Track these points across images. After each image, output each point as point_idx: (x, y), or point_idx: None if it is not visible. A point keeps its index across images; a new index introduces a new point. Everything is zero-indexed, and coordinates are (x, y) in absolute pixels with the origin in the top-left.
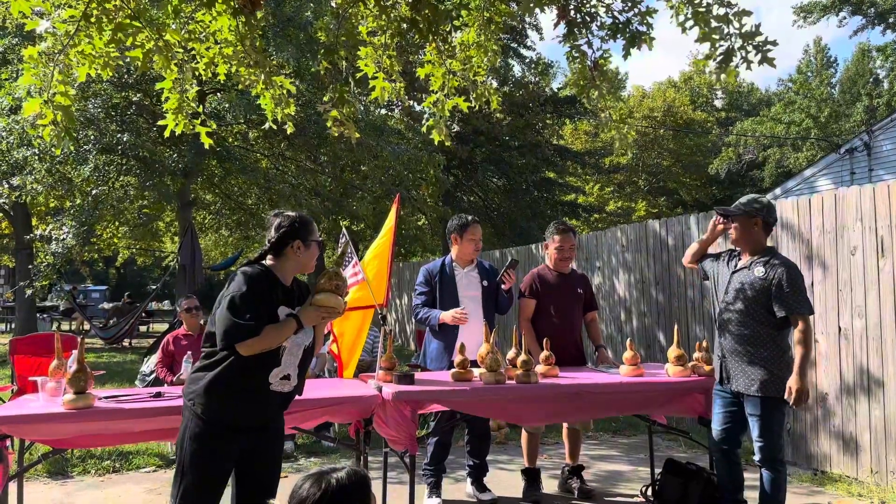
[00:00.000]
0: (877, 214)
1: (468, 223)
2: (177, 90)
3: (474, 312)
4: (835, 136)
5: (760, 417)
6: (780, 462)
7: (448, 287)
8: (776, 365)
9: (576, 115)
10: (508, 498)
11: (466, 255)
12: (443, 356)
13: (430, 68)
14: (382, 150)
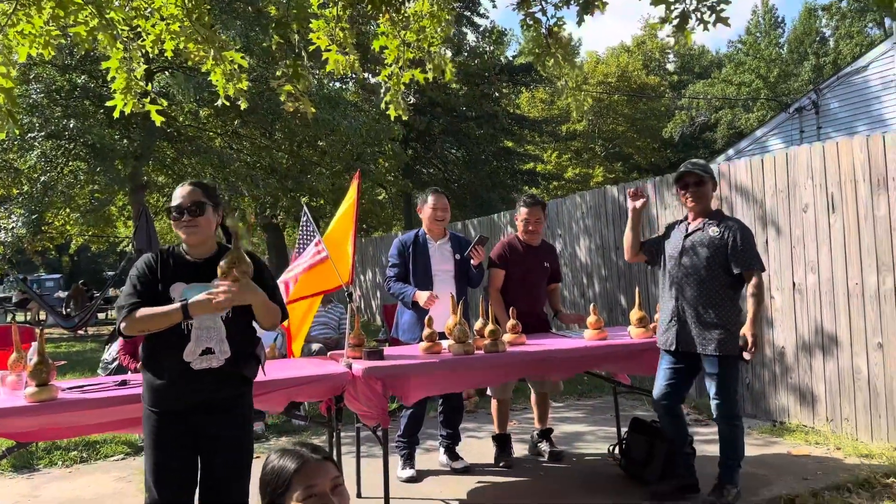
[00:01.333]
0: (827, 172)
1: (427, 194)
2: (123, 69)
3: (446, 285)
4: (784, 96)
5: (718, 376)
6: (737, 417)
7: (421, 259)
8: (733, 324)
9: (531, 83)
10: (480, 464)
11: (431, 225)
12: (415, 327)
13: (384, 40)
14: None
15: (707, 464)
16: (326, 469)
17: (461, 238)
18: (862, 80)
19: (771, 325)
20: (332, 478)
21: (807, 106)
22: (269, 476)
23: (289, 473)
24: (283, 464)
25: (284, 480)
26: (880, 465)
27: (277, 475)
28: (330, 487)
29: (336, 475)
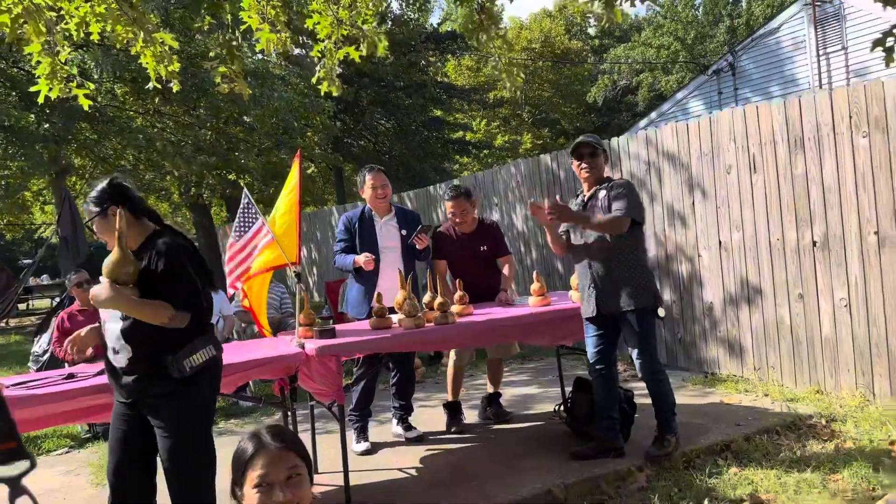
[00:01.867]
0: (748, 134)
1: (364, 173)
2: (48, 54)
3: (394, 261)
4: (701, 58)
5: (636, 333)
6: (660, 372)
7: (367, 235)
8: (639, 277)
9: (458, 51)
10: (433, 432)
11: (374, 204)
12: (362, 302)
13: (317, 17)
14: (269, 100)
15: (650, 414)
16: (283, 459)
17: (408, 212)
18: (774, 41)
19: (700, 283)
20: (288, 468)
21: (724, 68)
22: (234, 458)
23: (246, 458)
24: (244, 447)
25: (242, 464)
26: (805, 408)
27: (238, 458)
28: (284, 478)
29: (294, 465)
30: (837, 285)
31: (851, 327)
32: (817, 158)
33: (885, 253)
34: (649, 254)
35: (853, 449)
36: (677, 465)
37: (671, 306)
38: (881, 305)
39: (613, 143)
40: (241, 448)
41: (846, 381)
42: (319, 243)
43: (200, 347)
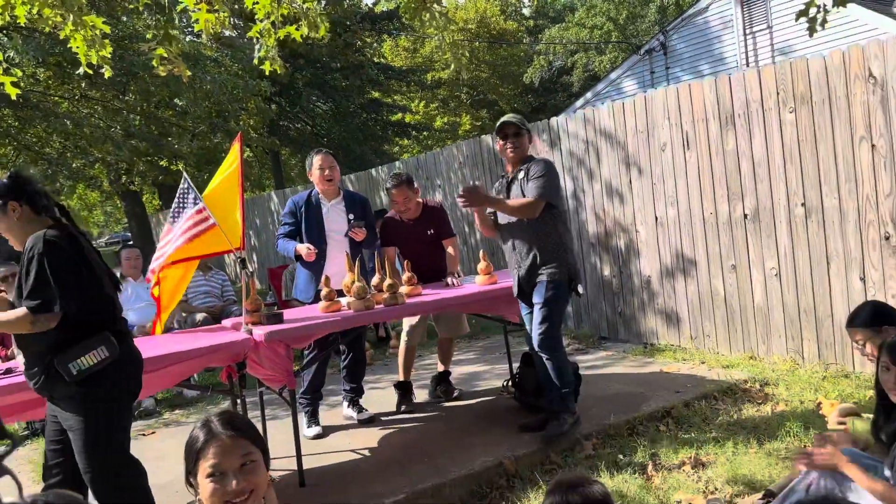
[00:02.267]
0: (681, 112)
1: (311, 156)
2: None
3: (341, 245)
4: (633, 38)
5: (542, 305)
6: (558, 349)
7: (314, 220)
8: (557, 256)
9: (394, 32)
10: (383, 413)
11: (322, 186)
12: (309, 286)
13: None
14: (202, 83)
15: (594, 385)
16: (236, 446)
17: (356, 196)
18: (703, 21)
19: (638, 257)
20: (241, 455)
21: (655, 48)
22: (186, 447)
23: (198, 448)
24: (195, 436)
25: (194, 454)
26: (739, 374)
27: (190, 448)
28: (238, 465)
29: (247, 452)
30: (768, 255)
31: (781, 295)
32: (747, 134)
33: (811, 223)
34: (589, 230)
35: (785, 410)
36: (622, 432)
37: (611, 280)
38: (809, 273)
39: (553, 122)
40: (192, 437)
41: (777, 346)
42: (259, 229)
43: (92, 349)
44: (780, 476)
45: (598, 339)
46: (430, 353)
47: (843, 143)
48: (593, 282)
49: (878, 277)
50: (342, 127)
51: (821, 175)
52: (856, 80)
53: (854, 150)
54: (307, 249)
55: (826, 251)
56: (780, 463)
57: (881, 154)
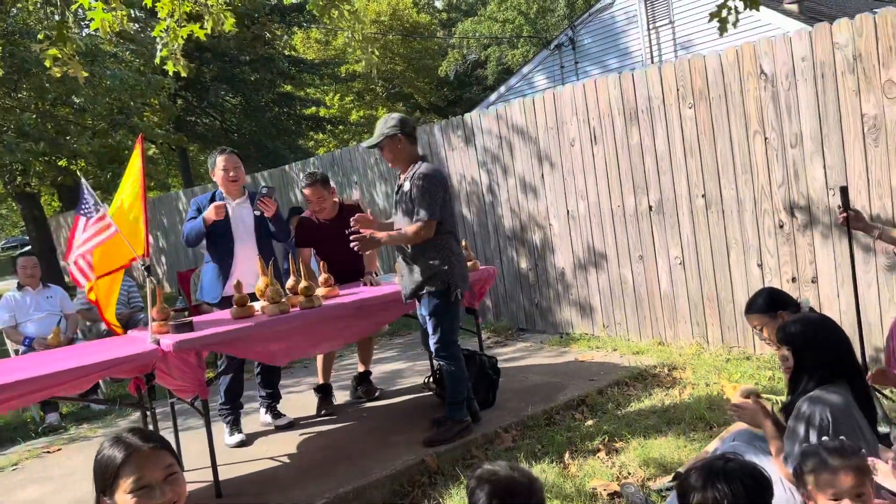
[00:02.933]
0: (588, 108)
1: (215, 156)
2: None
3: (249, 245)
4: (544, 32)
5: (432, 315)
6: (452, 358)
7: (219, 220)
8: (434, 263)
9: (305, 24)
10: (303, 417)
11: (224, 186)
12: (215, 285)
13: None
14: (101, 79)
15: (512, 377)
16: (158, 458)
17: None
18: (609, 16)
19: (552, 249)
20: (164, 467)
21: (564, 43)
22: (98, 467)
23: (116, 465)
24: (111, 454)
25: (112, 472)
26: (649, 360)
27: (105, 466)
28: (162, 477)
29: (169, 463)
30: (672, 245)
31: (686, 282)
32: (650, 129)
33: (711, 213)
34: (505, 224)
35: (692, 393)
36: (539, 423)
37: (528, 273)
38: (710, 261)
39: (467, 119)
40: (107, 456)
41: (684, 331)
42: (167, 230)
43: None
44: (689, 458)
45: (517, 331)
46: (350, 352)
47: (738, 136)
48: (510, 275)
49: (774, 264)
50: (253, 122)
51: (719, 167)
52: (749, 76)
53: (749, 143)
54: (214, 207)
55: (726, 239)
56: (688, 445)
57: (773, 147)
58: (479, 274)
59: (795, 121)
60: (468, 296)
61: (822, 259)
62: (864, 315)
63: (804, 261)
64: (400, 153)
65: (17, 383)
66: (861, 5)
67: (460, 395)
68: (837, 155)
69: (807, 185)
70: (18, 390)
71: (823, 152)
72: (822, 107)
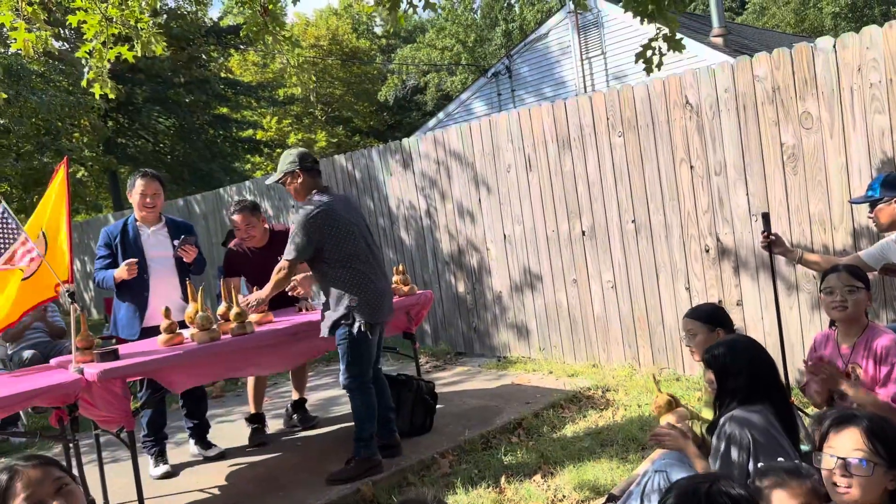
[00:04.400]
0: (523, 135)
1: (136, 178)
2: None
3: (165, 272)
4: (482, 60)
5: (338, 346)
6: (356, 390)
7: (132, 248)
8: (338, 296)
9: (242, 46)
10: (236, 447)
11: (140, 212)
12: (133, 321)
13: (82, 15)
14: (27, 100)
15: (450, 402)
16: (45, 473)
17: (179, 222)
18: (544, 46)
19: (489, 273)
20: (52, 479)
21: (501, 71)
22: None
23: (2, 489)
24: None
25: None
26: (583, 381)
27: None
28: (53, 490)
29: (58, 476)
30: (604, 269)
31: (618, 305)
32: (582, 156)
33: (641, 238)
34: (443, 248)
35: (625, 415)
36: (476, 447)
37: (465, 297)
38: (640, 284)
39: (405, 143)
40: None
41: (616, 353)
42: (94, 255)
43: None
44: (621, 479)
45: (455, 355)
46: (285, 379)
47: (666, 164)
48: (448, 299)
49: (700, 287)
50: (187, 144)
51: (647, 194)
52: (675, 106)
53: (676, 171)
54: (126, 266)
55: (655, 263)
56: (621, 466)
57: (699, 174)
58: (416, 298)
59: (720, 150)
60: (404, 320)
61: (747, 282)
62: (786, 336)
63: (729, 284)
64: (301, 187)
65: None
66: (781, 39)
67: (366, 431)
68: (759, 182)
69: (731, 212)
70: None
71: (746, 180)
72: (744, 136)
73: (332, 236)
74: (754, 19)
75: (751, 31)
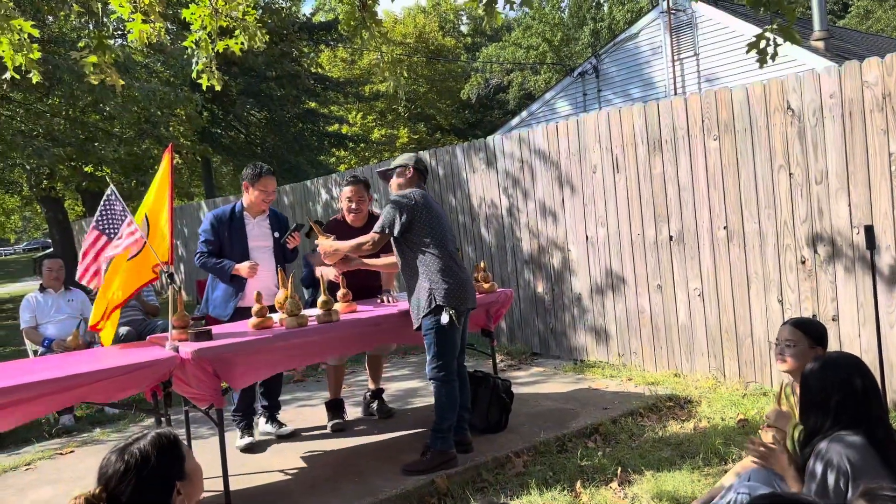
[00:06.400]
0: (612, 136)
1: (261, 174)
2: None
3: (266, 262)
4: (567, 59)
5: (425, 335)
6: (443, 382)
7: (237, 235)
8: (421, 284)
9: (332, 42)
10: (313, 429)
11: (256, 205)
12: (228, 302)
13: (194, 8)
14: (131, 89)
15: (525, 402)
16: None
17: (280, 215)
18: (634, 46)
19: (569, 274)
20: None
21: (588, 70)
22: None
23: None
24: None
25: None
26: (664, 391)
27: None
28: None
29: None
30: (691, 276)
31: (704, 314)
32: (673, 159)
33: (732, 246)
34: (523, 247)
35: (707, 427)
36: (551, 449)
37: (544, 297)
38: (730, 294)
39: (489, 142)
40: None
41: (700, 364)
42: (187, 239)
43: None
44: (702, 492)
45: (531, 356)
46: (364, 367)
47: (763, 170)
48: (526, 298)
49: (794, 299)
50: (277, 136)
51: (742, 200)
52: (775, 111)
53: (773, 178)
54: (249, 266)
55: (746, 273)
56: (702, 479)
57: (798, 182)
58: (496, 296)
59: (821, 157)
60: (484, 317)
61: (844, 297)
62: (885, 355)
63: (825, 298)
64: (406, 182)
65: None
66: (888, 45)
67: (446, 423)
68: (863, 193)
69: (830, 222)
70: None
71: (849, 190)
72: (848, 144)
73: (421, 220)
74: (858, 23)
75: (854, 35)
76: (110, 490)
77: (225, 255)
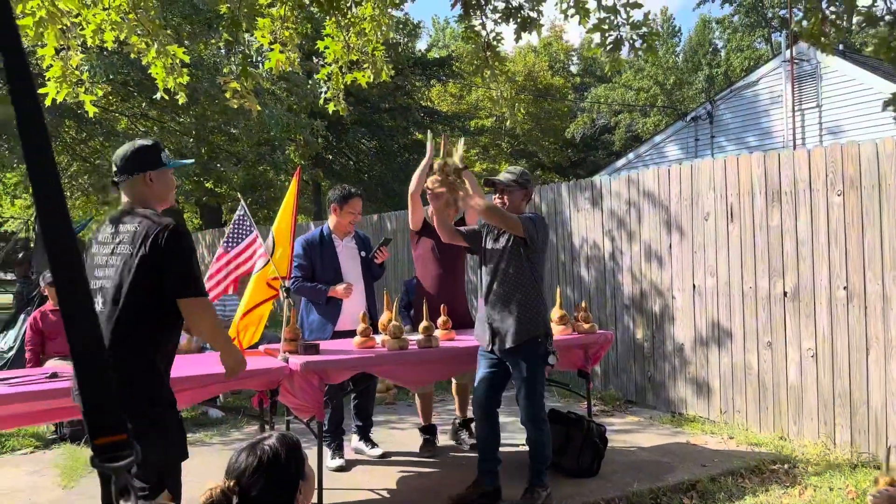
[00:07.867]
0: (727, 183)
1: (350, 196)
2: (60, 58)
3: (355, 282)
4: (679, 103)
5: (522, 373)
6: (542, 420)
7: (328, 257)
8: (534, 311)
9: (444, 77)
10: (403, 453)
11: (343, 226)
12: (325, 327)
13: (328, 42)
14: (260, 115)
15: (619, 450)
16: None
17: (363, 235)
18: (752, 93)
19: (672, 322)
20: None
21: (702, 115)
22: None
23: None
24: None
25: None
26: (768, 453)
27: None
28: None
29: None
30: (805, 335)
31: (817, 377)
32: (793, 212)
33: (852, 307)
34: (625, 290)
35: (813, 496)
36: (645, 501)
37: (643, 344)
38: (846, 358)
39: (596, 181)
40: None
41: (809, 429)
42: None
43: None
44: None
45: (625, 403)
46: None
47: (890, 230)
48: (624, 343)
49: None
50: (384, 165)
51: (865, 259)
52: None
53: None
54: (345, 288)
55: (866, 336)
56: None
57: None
58: (597, 337)
59: None
60: (582, 358)
61: None
62: None
63: None
64: (518, 202)
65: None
66: None
67: (547, 459)
68: None
69: None
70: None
71: None
72: None
73: (544, 247)
74: None
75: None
76: (242, 484)
77: (317, 278)
